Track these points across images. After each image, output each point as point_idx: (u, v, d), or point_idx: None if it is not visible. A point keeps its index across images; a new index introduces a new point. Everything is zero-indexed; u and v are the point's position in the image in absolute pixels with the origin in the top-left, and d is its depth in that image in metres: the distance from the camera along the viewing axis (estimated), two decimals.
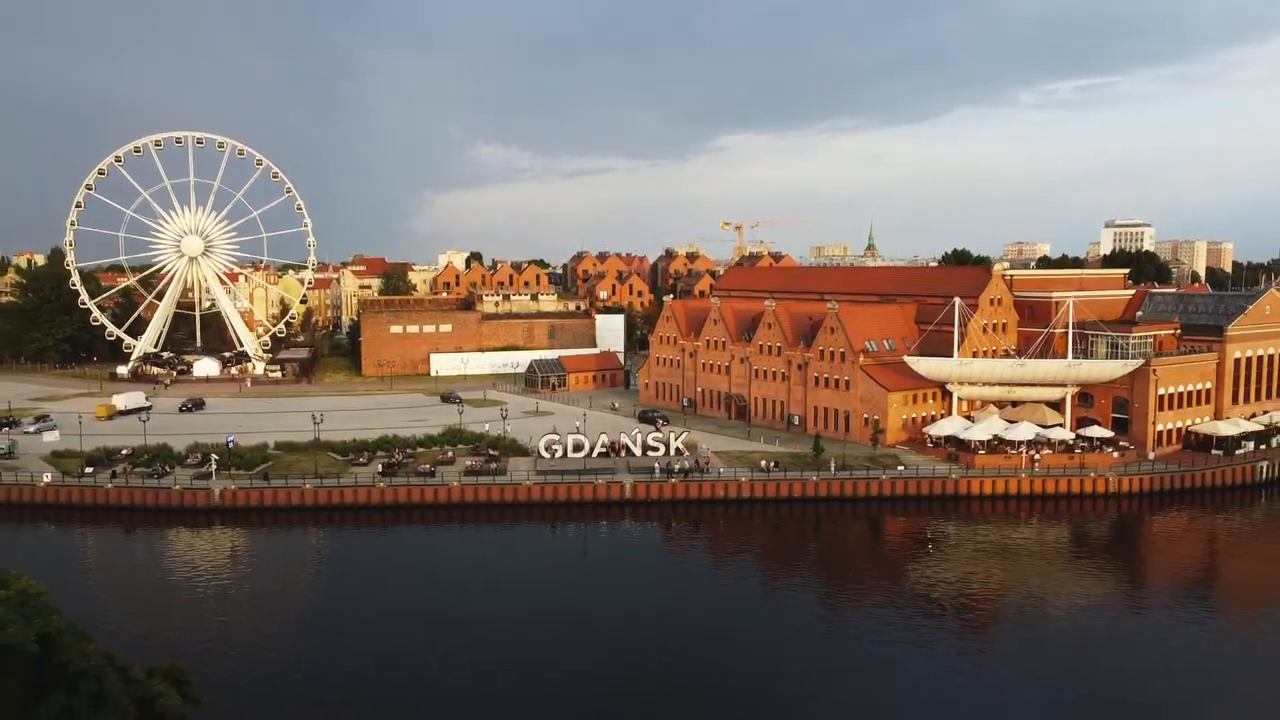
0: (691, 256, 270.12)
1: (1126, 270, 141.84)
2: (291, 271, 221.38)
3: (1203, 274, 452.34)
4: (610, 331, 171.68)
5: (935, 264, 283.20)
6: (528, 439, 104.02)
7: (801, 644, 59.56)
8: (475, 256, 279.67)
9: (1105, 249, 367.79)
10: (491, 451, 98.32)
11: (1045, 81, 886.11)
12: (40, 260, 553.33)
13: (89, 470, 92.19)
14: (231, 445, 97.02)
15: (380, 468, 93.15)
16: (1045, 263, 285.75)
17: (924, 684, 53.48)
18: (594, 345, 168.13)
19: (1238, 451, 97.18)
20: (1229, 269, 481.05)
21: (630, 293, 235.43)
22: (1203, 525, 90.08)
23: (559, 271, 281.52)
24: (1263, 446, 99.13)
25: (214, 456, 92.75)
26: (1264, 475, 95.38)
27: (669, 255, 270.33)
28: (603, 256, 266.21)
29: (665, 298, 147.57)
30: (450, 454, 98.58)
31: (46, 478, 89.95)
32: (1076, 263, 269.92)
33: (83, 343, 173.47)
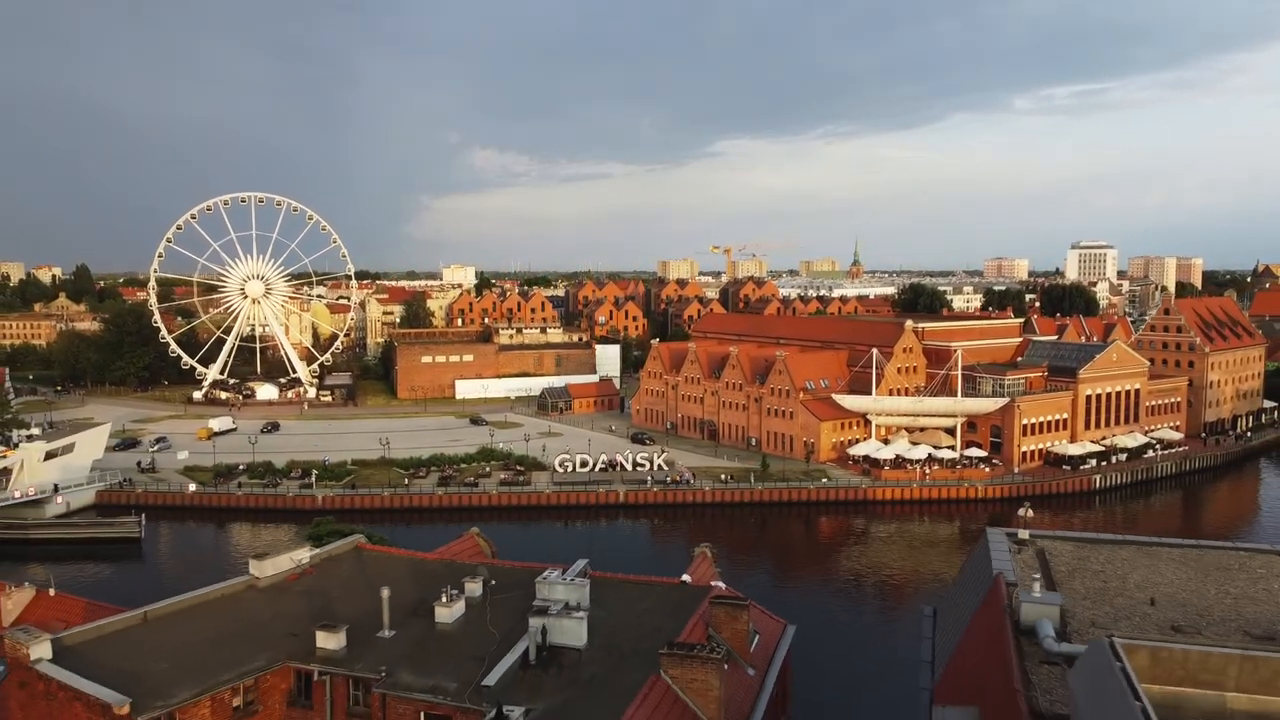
0: (681, 283, 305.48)
1: (1022, 320, 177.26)
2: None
3: (1173, 289, 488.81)
4: (608, 359, 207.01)
5: (915, 279, 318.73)
6: (542, 450, 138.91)
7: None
8: (485, 284, 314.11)
9: (1072, 268, 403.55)
10: (518, 467, 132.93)
11: (1041, 87, 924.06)
12: (58, 272, 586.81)
13: (219, 481, 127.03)
14: (327, 463, 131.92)
15: (438, 479, 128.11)
16: (981, 304, 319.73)
17: (848, 647, 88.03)
18: (594, 371, 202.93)
19: (1082, 467, 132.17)
20: (1199, 283, 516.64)
21: (626, 317, 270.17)
22: (1051, 522, 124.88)
23: (561, 295, 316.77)
24: (1102, 463, 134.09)
25: (313, 471, 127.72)
26: (1099, 484, 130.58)
27: (661, 282, 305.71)
28: (601, 283, 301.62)
29: (652, 341, 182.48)
30: (488, 469, 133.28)
31: (191, 487, 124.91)
32: (1005, 304, 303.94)
33: (157, 369, 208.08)
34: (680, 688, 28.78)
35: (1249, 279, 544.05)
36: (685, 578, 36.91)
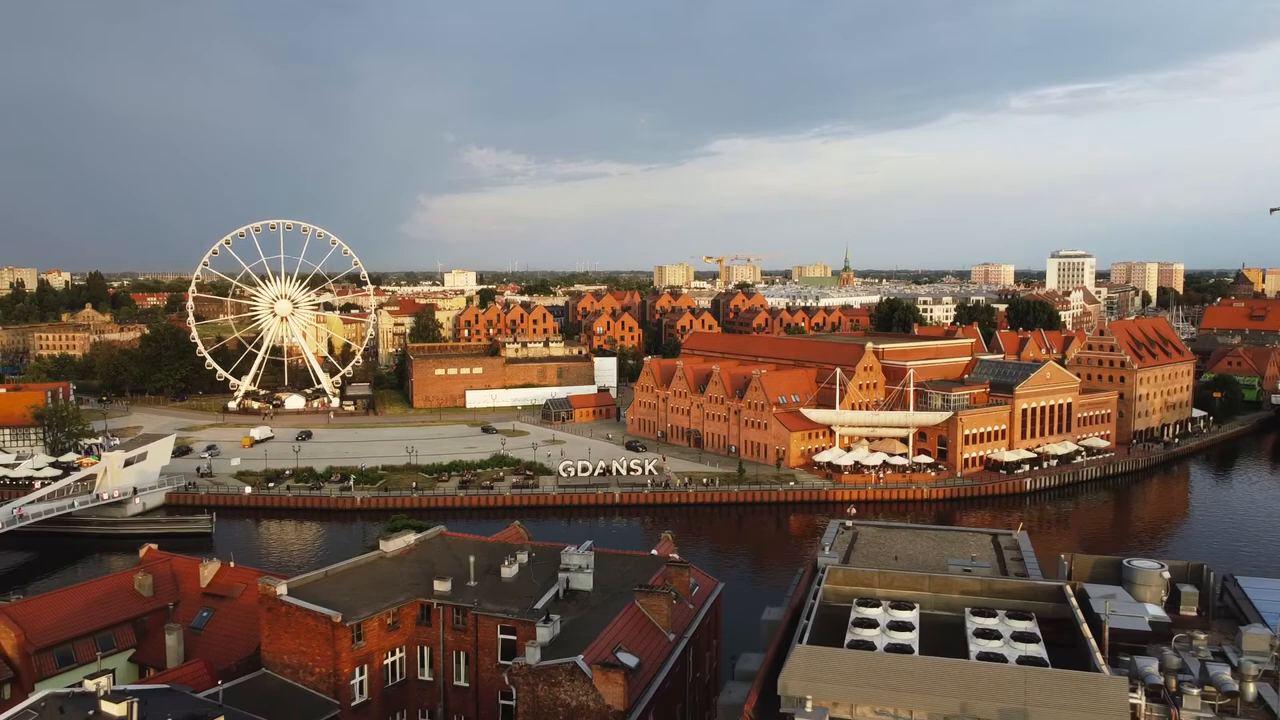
0: (675, 292, 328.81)
1: (972, 341, 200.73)
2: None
3: (1154, 294, 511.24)
4: (605, 371, 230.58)
5: (904, 283, 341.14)
6: (560, 455, 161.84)
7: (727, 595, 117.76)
8: (489, 295, 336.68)
9: (1052, 276, 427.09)
10: (528, 472, 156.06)
11: (1037, 87, 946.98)
12: (67, 277, 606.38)
13: (270, 485, 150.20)
14: (364, 469, 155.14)
15: (459, 483, 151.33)
16: (954, 318, 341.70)
17: (768, 597, 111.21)
18: (593, 382, 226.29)
19: (1016, 471, 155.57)
20: (1180, 288, 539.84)
21: (622, 328, 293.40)
22: (987, 519, 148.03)
23: (561, 305, 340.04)
24: (1035, 468, 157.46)
25: (351, 476, 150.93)
26: (1029, 487, 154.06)
27: (655, 293, 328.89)
28: (599, 294, 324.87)
29: (646, 358, 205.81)
30: (501, 474, 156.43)
31: (247, 490, 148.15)
32: (974, 318, 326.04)
33: (191, 380, 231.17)
34: (646, 610, 51.95)
35: (1231, 281, 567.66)
36: (653, 552, 60.04)
